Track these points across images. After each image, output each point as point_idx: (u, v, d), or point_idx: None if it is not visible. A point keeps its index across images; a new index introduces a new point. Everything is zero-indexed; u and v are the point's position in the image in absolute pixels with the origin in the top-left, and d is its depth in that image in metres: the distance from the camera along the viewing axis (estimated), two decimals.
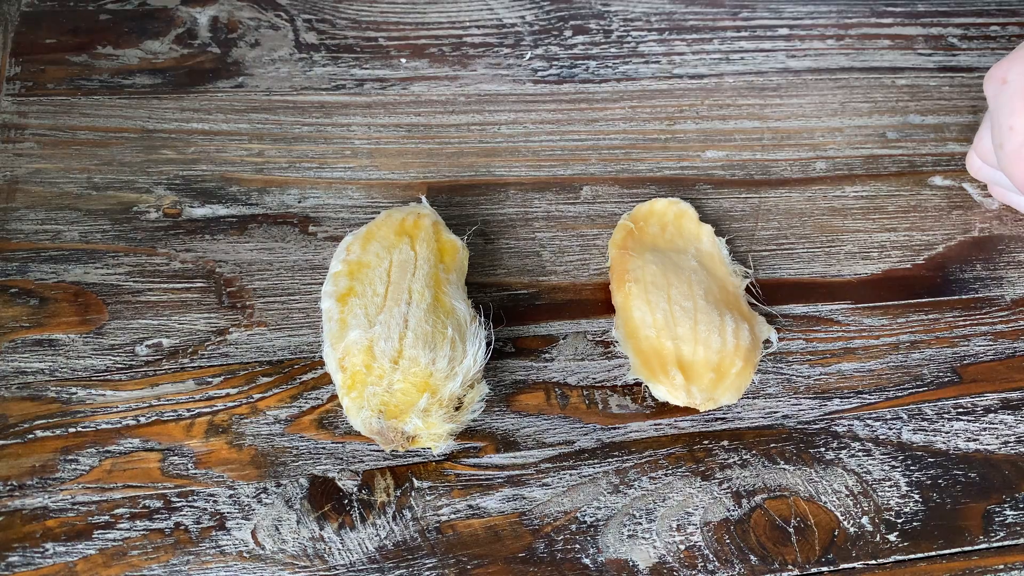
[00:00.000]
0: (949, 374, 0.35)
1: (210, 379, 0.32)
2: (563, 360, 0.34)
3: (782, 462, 0.32)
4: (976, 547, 0.31)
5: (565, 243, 0.37)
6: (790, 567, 0.30)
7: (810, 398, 0.34)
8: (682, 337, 0.32)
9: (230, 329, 0.33)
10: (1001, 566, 0.31)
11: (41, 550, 0.28)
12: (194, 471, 0.30)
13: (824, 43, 0.45)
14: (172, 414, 0.31)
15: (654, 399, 0.33)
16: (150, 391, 0.31)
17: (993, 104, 0.35)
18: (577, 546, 0.30)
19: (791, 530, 0.31)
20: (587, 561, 0.30)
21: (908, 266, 0.38)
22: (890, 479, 0.32)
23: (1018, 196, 0.38)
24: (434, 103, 0.40)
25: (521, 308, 0.35)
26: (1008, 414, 0.34)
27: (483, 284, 0.36)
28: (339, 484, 0.30)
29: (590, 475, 0.32)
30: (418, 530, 0.30)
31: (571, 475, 0.31)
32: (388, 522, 0.30)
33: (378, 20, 0.43)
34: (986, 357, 0.36)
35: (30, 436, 0.30)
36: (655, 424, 0.33)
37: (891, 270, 0.38)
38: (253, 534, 0.29)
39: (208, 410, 0.31)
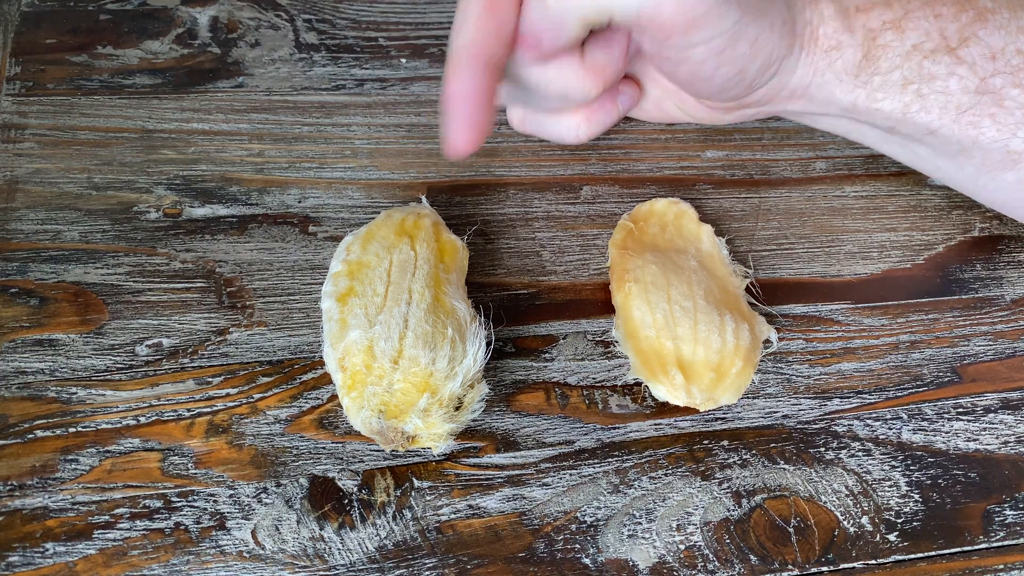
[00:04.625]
0: (949, 374, 0.35)
1: (210, 379, 0.32)
2: (563, 360, 0.34)
3: (782, 462, 0.32)
4: (976, 547, 0.31)
5: (565, 243, 0.37)
6: (790, 567, 0.30)
7: (810, 398, 0.34)
8: (682, 337, 0.32)
9: (230, 329, 0.33)
10: (1001, 566, 0.31)
11: (41, 550, 0.28)
12: (194, 471, 0.30)
13: None
14: (172, 414, 0.31)
15: (654, 399, 0.33)
16: (150, 391, 0.31)
17: None
18: (577, 546, 0.30)
19: (791, 530, 0.31)
20: (587, 561, 0.30)
21: (908, 266, 0.38)
22: (890, 479, 0.32)
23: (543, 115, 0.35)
24: (434, 103, 0.40)
25: (521, 308, 0.35)
26: (1008, 414, 0.34)
27: (483, 284, 0.36)
28: (339, 484, 0.30)
29: (590, 475, 0.32)
30: (418, 530, 0.30)
31: (571, 475, 0.31)
32: (388, 522, 0.30)
33: (378, 20, 0.43)
34: (986, 357, 0.36)
35: (30, 436, 0.30)
36: (655, 424, 0.33)
37: (891, 270, 0.38)
38: (253, 534, 0.29)
39: (208, 410, 0.31)
